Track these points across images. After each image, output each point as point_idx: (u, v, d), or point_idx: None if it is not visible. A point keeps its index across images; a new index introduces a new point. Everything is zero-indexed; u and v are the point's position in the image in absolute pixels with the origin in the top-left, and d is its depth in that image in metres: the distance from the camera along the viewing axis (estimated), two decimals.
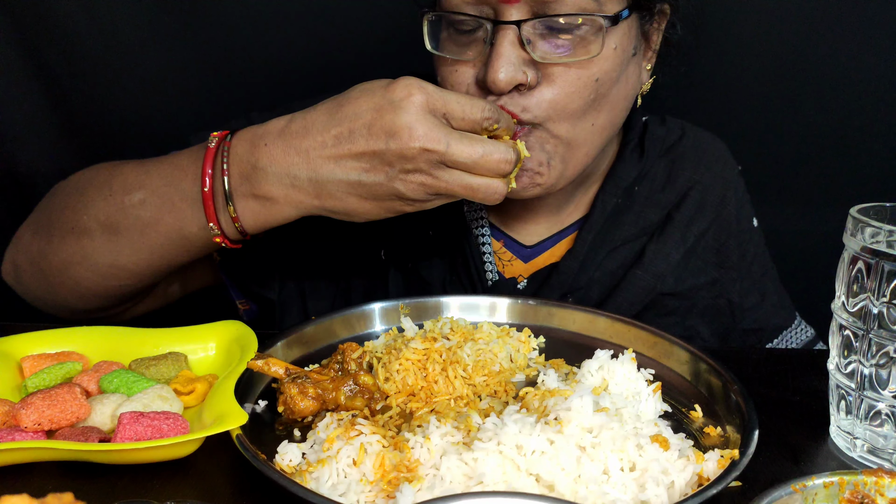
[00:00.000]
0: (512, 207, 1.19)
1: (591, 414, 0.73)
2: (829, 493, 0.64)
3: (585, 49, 0.97)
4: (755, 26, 1.53)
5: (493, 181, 0.89)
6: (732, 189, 1.23)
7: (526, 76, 0.95)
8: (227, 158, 0.92)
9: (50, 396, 0.78)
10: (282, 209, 0.92)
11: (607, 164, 1.21)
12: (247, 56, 1.60)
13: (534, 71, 0.96)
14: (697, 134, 1.26)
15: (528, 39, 0.95)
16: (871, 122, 1.56)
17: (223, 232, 0.95)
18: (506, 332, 1.00)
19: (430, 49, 1.02)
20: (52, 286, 1.06)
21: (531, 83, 0.96)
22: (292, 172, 0.90)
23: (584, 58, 0.97)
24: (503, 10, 0.95)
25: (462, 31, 0.99)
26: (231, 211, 0.93)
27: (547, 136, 1.00)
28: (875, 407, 0.78)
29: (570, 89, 0.97)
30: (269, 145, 0.90)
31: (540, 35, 0.96)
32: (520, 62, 0.95)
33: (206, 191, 0.93)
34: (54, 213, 1.06)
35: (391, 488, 0.70)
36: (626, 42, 1.01)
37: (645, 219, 1.18)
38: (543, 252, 1.20)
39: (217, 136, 0.94)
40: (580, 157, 1.04)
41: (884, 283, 0.75)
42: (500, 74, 0.94)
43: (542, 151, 1.01)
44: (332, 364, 0.89)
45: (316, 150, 0.89)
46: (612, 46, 0.98)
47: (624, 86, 1.04)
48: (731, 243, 1.21)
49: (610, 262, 1.16)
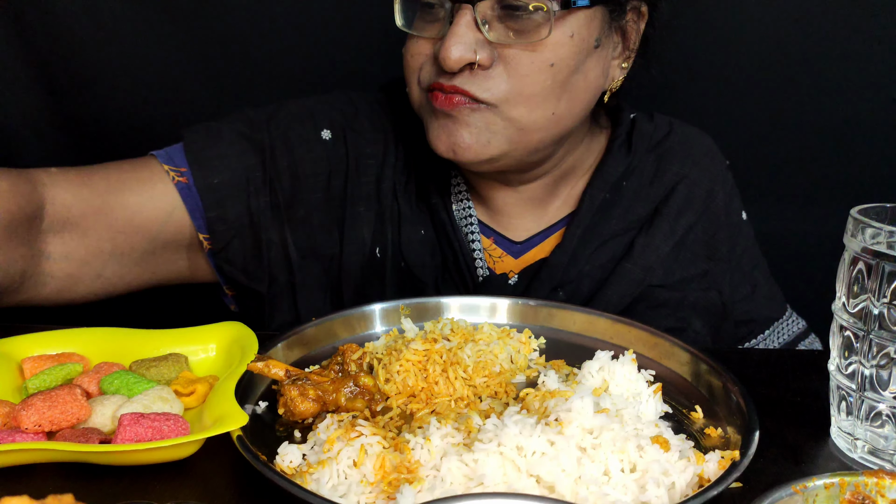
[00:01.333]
0: (499, 203, 1.20)
1: (592, 415, 0.73)
2: (829, 495, 0.64)
3: (537, 32, 0.99)
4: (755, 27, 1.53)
5: None
6: (720, 183, 1.23)
7: (476, 55, 0.98)
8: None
9: (50, 398, 0.78)
10: None
11: (595, 160, 1.23)
12: (246, 55, 1.60)
13: (487, 51, 0.99)
14: (685, 130, 1.26)
15: (485, 20, 0.99)
16: (871, 122, 1.55)
17: None
18: (506, 333, 1.00)
19: (398, 26, 1.07)
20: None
21: (483, 63, 0.99)
22: None
23: (534, 40, 0.99)
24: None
25: (427, 10, 1.04)
26: None
27: (497, 118, 1.03)
28: (876, 408, 0.78)
29: (525, 72, 1.00)
30: None
31: (497, 17, 0.99)
32: (472, 41, 0.98)
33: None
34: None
35: (391, 489, 0.70)
36: (585, 32, 1.03)
37: (633, 213, 1.19)
38: (533, 247, 1.21)
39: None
40: (532, 142, 1.06)
41: (884, 284, 0.75)
42: (451, 52, 0.98)
43: (485, 131, 1.03)
44: (332, 365, 0.89)
45: None
46: (567, 33, 1.01)
47: (584, 77, 1.06)
48: (720, 236, 1.22)
49: (599, 255, 1.18)
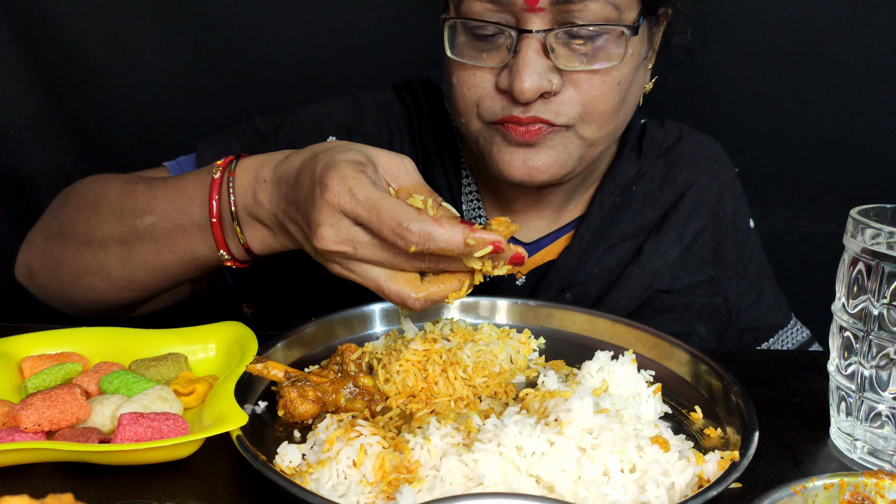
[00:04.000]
0: (515, 205, 1.20)
1: (592, 415, 0.73)
2: (829, 495, 0.64)
3: (607, 55, 0.98)
4: (755, 28, 1.53)
5: (408, 293, 0.81)
6: (729, 190, 1.24)
7: (551, 84, 0.97)
8: (233, 188, 0.93)
9: (50, 397, 0.78)
10: (282, 240, 0.93)
11: (606, 164, 1.23)
12: (248, 57, 1.60)
13: (558, 77, 0.98)
14: (695, 136, 1.27)
15: (552, 47, 0.96)
16: (871, 122, 1.56)
17: (233, 256, 0.96)
18: (506, 333, 1.00)
19: (450, 55, 1.02)
20: (67, 291, 1.08)
21: (556, 90, 0.98)
22: (270, 221, 0.92)
23: (606, 65, 0.98)
24: (527, 18, 0.95)
25: (481, 37, 0.99)
26: (240, 237, 0.94)
27: (573, 136, 1.02)
28: (875, 408, 0.78)
29: (597, 93, 0.99)
30: (266, 181, 0.91)
31: (562, 43, 0.97)
32: (544, 70, 0.96)
33: (215, 221, 0.94)
34: (67, 224, 1.07)
35: (391, 489, 0.70)
36: (640, 47, 1.03)
37: (642, 217, 1.19)
38: (542, 249, 1.21)
39: (220, 166, 0.95)
40: (595, 155, 1.07)
41: (884, 285, 0.75)
42: (527, 84, 0.95)
43: (563, 151, 1.03)
44: (331, 365, 0.89)
45: (278, 208, 0.90)
46: (630, 52, 1.00)
47: (636, 88, 1.07)
48: (727, 243, 1.22)
49: (607, 259, 1.18)
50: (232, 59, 1.60)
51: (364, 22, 1.57)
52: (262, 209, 0.91)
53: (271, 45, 1.59)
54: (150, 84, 1.61)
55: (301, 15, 1.57)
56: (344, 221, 0.79)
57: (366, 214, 0.78)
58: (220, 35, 1.59)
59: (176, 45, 1.58)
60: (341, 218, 0.79)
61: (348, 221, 0.79)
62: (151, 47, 1.58)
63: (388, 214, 0.76)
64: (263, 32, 1.59)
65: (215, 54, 1.60)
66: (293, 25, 1.57)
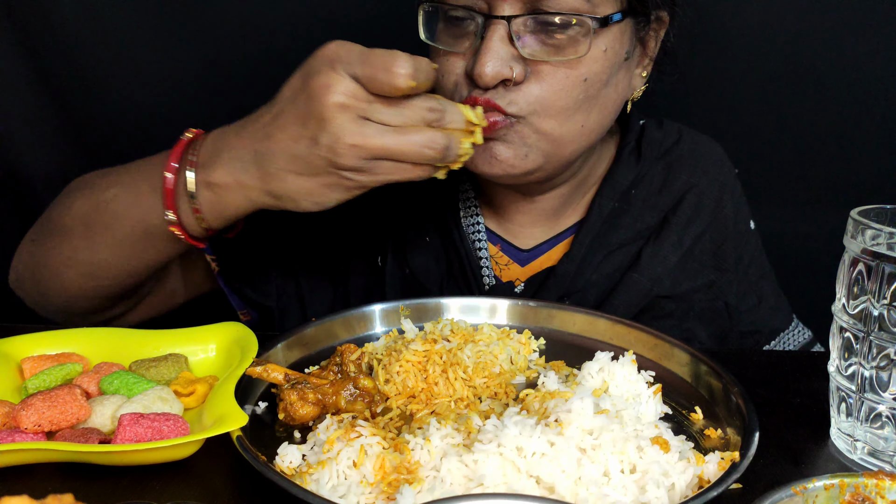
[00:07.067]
0: (509, 212, 1.19)
1: (592, 416, 0.73)
2: (829, 496, 0.64)
3: (574, 49, 0.98)
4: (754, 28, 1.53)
5: (433, 136, 0.84)
6: (729, 192, 1.23)
7: (512, 71, 0.96)
8: (197, 151, 0.92)
9: (50, 398, 0.78)
10: (234, 197, 0.91)
11: (604, 168, 1.21)
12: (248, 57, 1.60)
13: (521, 66, 0.97)
14: (694, 137, 1.26)
15: (518, 35, 0.97)
16: (871, 122, 1.55)
17: (182, 223, 0.95)
18: (506, 333, 1.00)
19: (423, 39, 1.04)
20: (45, 291, 1.08)
21: (517, 78, 0.97)
22: (240, 156, 0.90)
23: (571, 57, 0.98)
24: (496, 4, 0.96)
25: (455, 23, 1.01)
26: (192, 202, 0.92)
27: (529, 130, 1.00)
28: (875, 409, 0.78)
29: (558, 87, 0.99)
30: (229, 134, 0.91)
31: (530, 31, 0.97)
32: (507, 57, 0.96)
33: (169, 177, 0.92)
34: (47, 217, 1.08)
35: (391, 490, 0.70)
36: (617, 46, 1.02)
37: (642, 222, 1.18)
38: (540, 256, 1.20)
39: (194, 132, 0.95)
40: (564, 154, 1.05)
41: (884, 286, 0.75)
42: (487, 68, 0.95)
43: (522, 145, 1.01)
44: (330, 366, 0.89)
45: (257, 131, 0.89)
46: (601, 48, 0.99)
47: (614, 89, 1.05)
48: (727, 245, 1.21)
49: (607, 265, 1.16)
50: (232, 59, 1.60)
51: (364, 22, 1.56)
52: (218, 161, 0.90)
53: (271, 45, 1.59)
54: (150, 84, 1.61)
55: (301, 15, 1.57)
56: (343, 76, 0.82)
57: (357, 57, 0.82)
58: (219, 35, 1.59)
59: (176, 45, 1.58)
60: (339, 72, 0.82)
61: (347, 77, 0.82)
62: (151, 47, 1.58)
63: (378, 55, 0.82)
64: (263, 32, 1.58)
65: (215, 54, 1.60)
66: (293, 25, 1.57)
